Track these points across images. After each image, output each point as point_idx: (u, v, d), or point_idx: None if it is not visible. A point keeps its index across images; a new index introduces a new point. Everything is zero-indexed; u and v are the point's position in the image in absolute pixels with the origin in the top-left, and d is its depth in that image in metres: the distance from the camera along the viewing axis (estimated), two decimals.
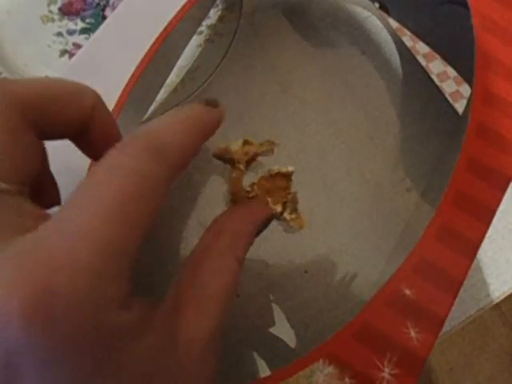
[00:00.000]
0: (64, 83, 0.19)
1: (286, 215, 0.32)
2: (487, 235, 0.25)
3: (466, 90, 0.42)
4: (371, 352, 0.24)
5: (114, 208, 0.14)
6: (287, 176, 0.32)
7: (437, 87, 0.40)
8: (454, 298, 0.25)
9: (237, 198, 0.30)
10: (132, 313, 0.15)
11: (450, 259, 0.25)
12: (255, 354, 0.34)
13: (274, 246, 0.36)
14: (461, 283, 0.25)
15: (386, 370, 0.24)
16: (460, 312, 0.36)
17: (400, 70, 0.41)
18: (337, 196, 0.37)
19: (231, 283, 0.20)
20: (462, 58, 0.32)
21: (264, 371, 0.33)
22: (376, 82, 0.40)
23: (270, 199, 0.31)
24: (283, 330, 0.34)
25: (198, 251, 0.21)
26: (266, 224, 0.25)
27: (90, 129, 0.20)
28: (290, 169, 0.31)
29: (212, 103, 0.22)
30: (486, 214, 0.26)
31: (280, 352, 0.34)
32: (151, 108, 0.38)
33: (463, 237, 0.25)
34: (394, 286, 0.25)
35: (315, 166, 0.37)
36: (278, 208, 0.31)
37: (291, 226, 0.33)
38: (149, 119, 0.39)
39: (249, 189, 0.31)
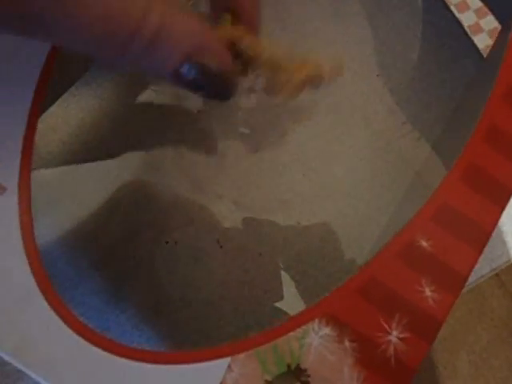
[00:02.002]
0: None
1: None
2: None
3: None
4: (377, 312, 0.20)
5: None
6: None
7: (456, 20, 0.35)
8: (480, 252, 0.21)
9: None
10: None
11: (478, 206, 0.21)
12: (239, 312, 0.30)
13: (263, 193, 0.31)
14: (489, 235, 0.21)
15: (394, 332, 0.20)
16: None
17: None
18: (336, 140, 0.33)
19: None
20: None
21: (250, 331, 0.30)
22: (387, 11, 0.35)
23: None
24: (271, 287, 0.30)
25: None
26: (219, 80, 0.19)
27: None
28: None
29: None
30: None
31: (268, 311, 0.30)
32: None
33: (494, 179, 0.21)
34: (409, 235, 0.21)
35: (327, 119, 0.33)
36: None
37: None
38: None
39: None
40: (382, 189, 0.32)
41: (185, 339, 0.29)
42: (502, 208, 0.21)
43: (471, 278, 0.32)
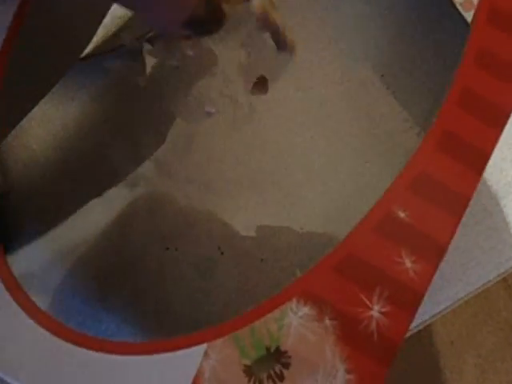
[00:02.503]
0: None
1: None
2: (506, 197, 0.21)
3: None
4: (357, 287, 0.19)
5: None
6: None
7: (462, 18, 0.34)
8: (459, 219, 0.20)
9: None
10: None
11: (455, 172, 0.20)
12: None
13: (266, 201, 0.31)
14: (467, 200, 0.20)
15: (376, 307, 0.19)
16: (477, 277, 0.31)
17: None
18: (340, 141, 0.32)
19: None
20: None
21: None
22: (391, 10, 0.34)
23: None
24: (273, 293, 0.29)
25: None
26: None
27: None
28: None
29: None
30: (497, 118, 0.21)
31: None
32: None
33: (470, 144, 0.20)
34: (385, 207, 0.20)
35: (314, 105, 0.32)
36: None
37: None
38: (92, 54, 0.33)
39: None
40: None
41: None
42: (480, 173, 0.20)
43: (478, 283, 0.31)
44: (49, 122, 0.32)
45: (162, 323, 0.29)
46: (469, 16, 0.36)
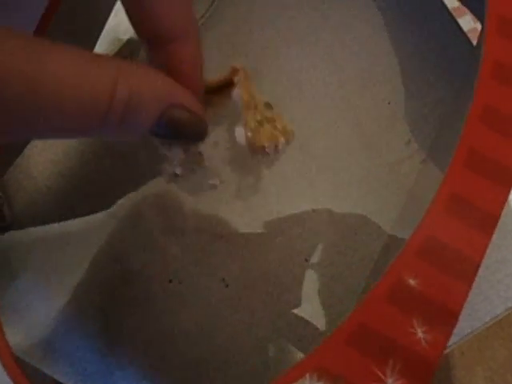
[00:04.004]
0: None
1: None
2: None
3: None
4: (369, 360, 0.19)
5: None
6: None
7: (471, 44, 0.34)
8: (470, 285, 0.20)
9: None
10: None
11: (464, 236, 0.20)
12: (246, 355, 0.29)
13: (270, 230, 0.30)
14: (478, 265, 0.20)
15: (389, 380, 0.19)
16: (485, 311, 0.30)
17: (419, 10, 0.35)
18: (346, 171, 0.32)
19: None
20: None
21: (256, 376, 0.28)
22: (397, 37, 0.34)
23: None
24: (279, 327, 0.29)
25: None
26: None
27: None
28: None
29: None
30: (506, 176, 0.20)
31: (275, 353, 0.29)
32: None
33: (479, 206, 0.20)
34: (395, 275, 0.20)
35: (320, 133, 0.32)
36: None
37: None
38: None
39: None
40: (392, 223, 0.31)
41: None
42: (490, 236, 0.20)
43: (486, 318, 0.31)
44: (50, 150, 0.32)
45: (161, 371, 0.28)
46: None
